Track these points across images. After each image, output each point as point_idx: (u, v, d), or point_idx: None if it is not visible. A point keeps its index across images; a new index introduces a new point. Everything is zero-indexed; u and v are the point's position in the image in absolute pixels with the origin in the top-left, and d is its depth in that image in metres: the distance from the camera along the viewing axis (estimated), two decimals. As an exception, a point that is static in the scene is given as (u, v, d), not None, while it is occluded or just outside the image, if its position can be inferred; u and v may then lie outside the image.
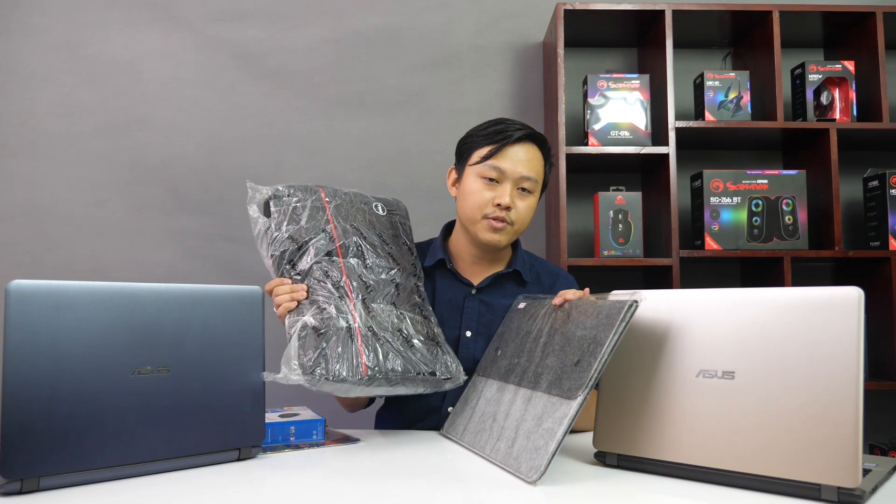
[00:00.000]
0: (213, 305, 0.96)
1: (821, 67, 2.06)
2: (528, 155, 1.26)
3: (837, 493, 0.72)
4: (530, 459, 0.87)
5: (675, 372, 0.86)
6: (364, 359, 1.01)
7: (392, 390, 1.05)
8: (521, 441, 0.91)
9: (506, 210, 1.24)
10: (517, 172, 1.25)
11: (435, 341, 1.14)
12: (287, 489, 0.85)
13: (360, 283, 1.11)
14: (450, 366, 1.12)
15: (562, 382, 0.91)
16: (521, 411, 0.96)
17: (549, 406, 0.91)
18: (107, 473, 0.84)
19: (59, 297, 0.83)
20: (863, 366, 0.73)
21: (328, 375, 0.97)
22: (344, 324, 1.04)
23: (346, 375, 0.98)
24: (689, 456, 0.83)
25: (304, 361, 0.97)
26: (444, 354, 1.13)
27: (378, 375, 1.01)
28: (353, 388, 1.00)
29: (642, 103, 2.04)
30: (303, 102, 2.22)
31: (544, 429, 0.88)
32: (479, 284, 1.33)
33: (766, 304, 0.81)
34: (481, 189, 1.26)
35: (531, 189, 1.27)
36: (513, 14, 2.27)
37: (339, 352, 1.00)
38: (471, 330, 1.29)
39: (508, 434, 0.95)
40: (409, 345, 1.09)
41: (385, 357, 1.03)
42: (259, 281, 1.08)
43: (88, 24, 2.19)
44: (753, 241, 2.00)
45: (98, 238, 2.15)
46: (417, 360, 1.07)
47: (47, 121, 2.17)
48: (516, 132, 1.26)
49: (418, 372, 1.05)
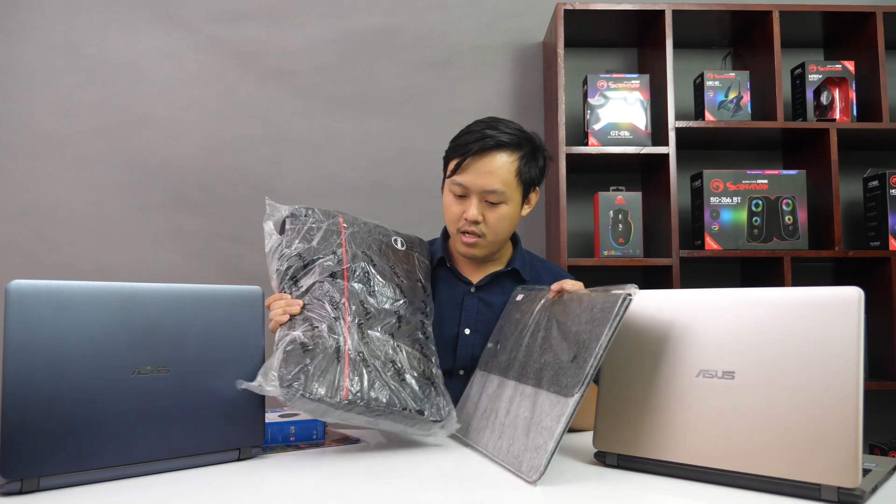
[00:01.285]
0: (213, 305, 0.96)
1: (821, 67, 2.06)
2: (491, 166, 1.20)
3: (837, 493, 0.72)
4: (531, 459, 0.87)
5: (675, 372, 0.86)
6: (347, 382, 0.96)
7: (373, 422, 0.99)
8: (520, 439, 0.92)
9: (474, 224, 1.23)
10: (479, 186, 1.21)
11: (430, 381, 1.07)
12: (287, 489, 0.85)
13: (360, 308, 1.07)
14: (442, 408, 1.04)
15: (559, 379, 0.91)
16: (521, 408, 0.97)
17: (547, 403, 0.91)
18: (107, 473, 0.84)
19: (59, 297, 0.83)
20: (863, 366, 0.73)
21: (305, 392, 0.92)
22: (333, 343, 0.99)
23: (323, 395, 0.93)
24: (689, 456, 0.83)
25: (284, 374, 0.93)
26: (438, 396, 1.06)
27: (359, 402, 0.95)
28: (329, 411, 0.94)
29: (642, 103, 2.04)
30: (303, 102, 2.22)
31: (543, 427, 0.88)
32: (477, 283, 1.33)
33: (766, 304, 0.81)
34: (452, 203, 1.26)
35: (500, 200, 1.22)
36: (513, 14, 2.27)
37: (322, 370, 0.95)
38: (469, 328, 1.29)
39: (509, 432, 0.96)
40: (399, 378, 1.03)
41: (371, 385, 0.97)
42: (259, 281, 1.08)
43: (88, 24, 2.19)
44: (753, 241, 2.00)
45: (98, 238, 2.15)
46: (406, 395, 1.00)
47: (47, 121, 2.17)
48: (475, 144, 1.20)
49: (405, 407, 0.99)
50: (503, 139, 1.21)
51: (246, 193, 2.19)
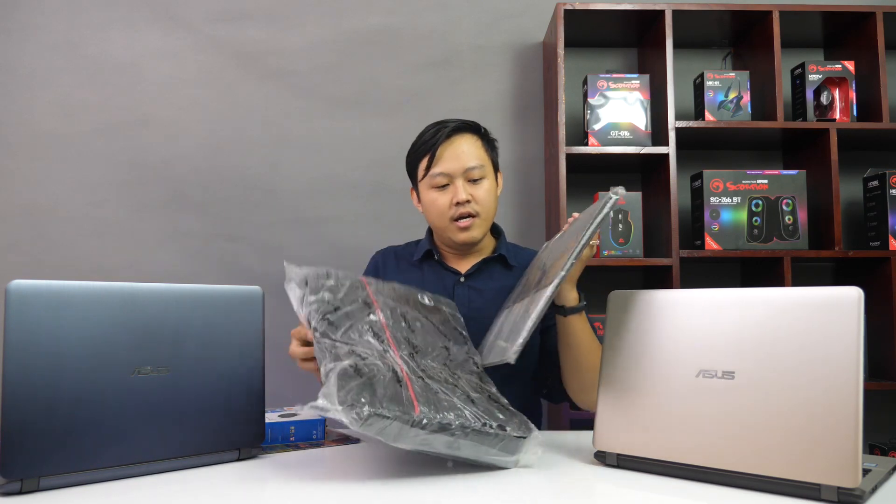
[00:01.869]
0: (213, 305, 0.96)
1: (821, 67, 2.06)
2: (463, 146, 1.28)
3: (837, 493, 0.72)
4: (509, 341, 0.96)
5: (675, 372, 0.86)
6: (416, 400, 0.85)
7: (452, 444, 0.86)
8: (505, 331, 0.99)
9: (466, 204, 1.27)
10: (460, 166, 1.27)
11: (499, 402, 0.97)
12: (287, 489, 0.85)
13: (406, 343, 1.00)
14: (524, 424, 0.93)
15: (547, 276, 0.97)
16: (510, 314, 1.04)
17: (534, 299, 0.97)
18: (107, 473, 0.84)
19: (59, 297, 0.83)
20: (863, 366, 0.73)
21: (375, 411, 0.79)
22: (388, 369, 0.90)
23: (397, 412, 0.81)
24: (689, 456, 0.83)
25: (345, 397, 0.81)
26: (514, 416, 0.94)
27: (434, 419, 0.83)
28: (404, 431, 0.82)
29: (642, 103, 2.04)
30: (303, 102, 2.22)
31: (527, 314, 0.95)
32: (466, 271, 1.35)
33: (766, 304, 0.81)
34: (437, 198, 1.29)
35: (481, 175, 1.28)
36: (513, 14, 2.27)
37: (385, 388, 0.85)
38: (462, 317, 1.30)
39: (496, 331, 1.05)
40: (468, 398, 0.93)
41: (441, 403, 0.86)
42: (259, 281, 1.08)
43: (88, 24, 2.19)
44: (753, 241, 2.00)
45: (98, 238, 2.15)
46: (481, 412, 0.89)
47: (47, 121, 2.17)
48: (439, 134, 1.28)
49: (484, 423, 0.87)
50: (460, 125, 1.30)
51: (246, 193, 2.19)
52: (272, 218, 2.19)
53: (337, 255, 2.19)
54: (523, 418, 0.94)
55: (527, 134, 2.26)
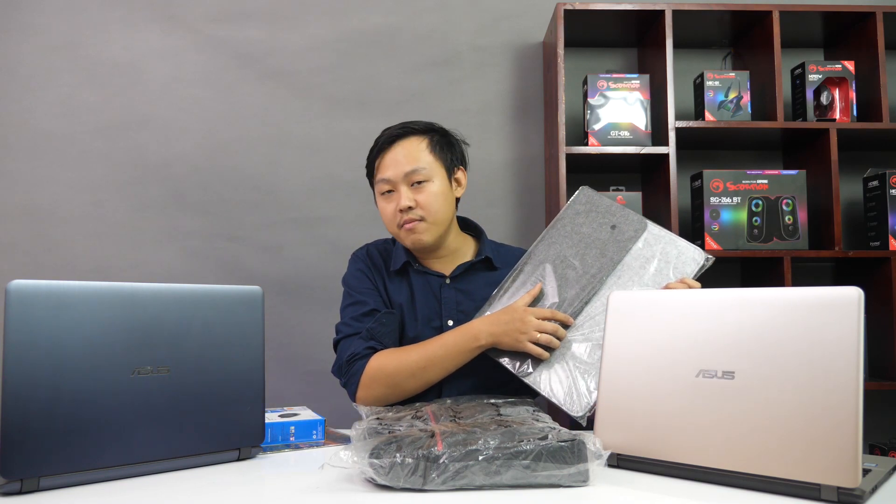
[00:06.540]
0: (213, 305, 0.96)
1: (821, 67, 2.06)
2: (402, 152, 1.29)
3: (837, 493, 0.72)
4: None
5: (675, 372, 0.86)
6: (440, 439, 0.84)
7: (528, 467, 0.81)
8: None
9: (409, 211, 1.27)
10: (400, 172, 1.28)
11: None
12: (287, 489, 0.85)
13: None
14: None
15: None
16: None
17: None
18: (107, 473, 0.84)
19: (59, 297, 0.83)
20: (863, 366, 0.73)
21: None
22: (420, 433, 0.88)
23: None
24: (689, 456, 0.83)
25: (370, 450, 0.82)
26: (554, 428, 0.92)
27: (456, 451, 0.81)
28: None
29: (642, 103, 2.04)
30: (303, 102, 2.22)
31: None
32: (451, 274, 1.34)
33: (766, 304, 0.81)
34: (384, 206, 1.32)
35: (425, 178, 1.28)
36: (513, 14, 2.27)
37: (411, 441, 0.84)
38: (452, 318, 1.30)
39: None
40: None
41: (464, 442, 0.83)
42: (259, 281, 1.08)
43: (88, 24, 2.19)
44: (753, 241, 2.00)
45: (98, 238, 2.15)
46: (525, 432, 0.86)
47: (47, 121, 2.17)
48: (383, 139, 1.32)
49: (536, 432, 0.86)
50: (408, 129, 1.31)
51: (246, 193, 2.19)
52: (272, 218, 2.19)
53: (337, 255, 2.18)
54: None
55: (527, 134, 2.26)
